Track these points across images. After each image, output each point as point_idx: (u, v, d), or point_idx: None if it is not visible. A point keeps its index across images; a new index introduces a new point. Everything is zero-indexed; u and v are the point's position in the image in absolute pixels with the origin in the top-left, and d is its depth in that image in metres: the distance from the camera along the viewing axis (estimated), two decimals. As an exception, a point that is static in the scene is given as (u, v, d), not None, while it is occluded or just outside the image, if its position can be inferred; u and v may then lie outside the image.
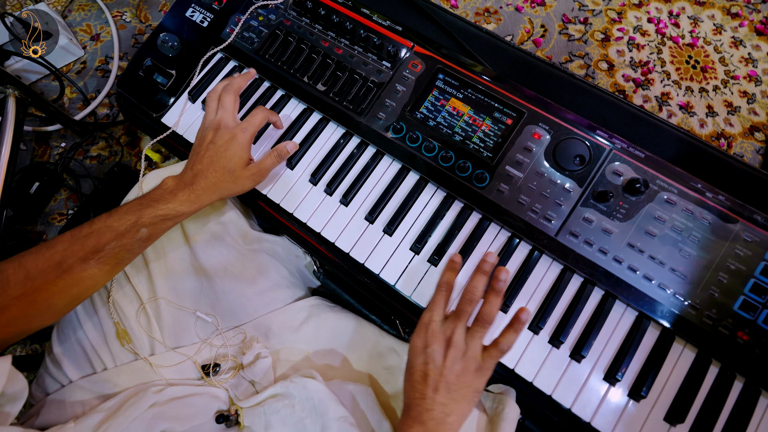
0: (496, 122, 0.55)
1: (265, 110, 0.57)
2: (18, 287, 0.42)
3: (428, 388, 0.42)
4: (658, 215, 0.49)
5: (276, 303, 0.61)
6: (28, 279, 0.42)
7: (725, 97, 0.83)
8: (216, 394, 0.54)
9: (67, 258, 0.45)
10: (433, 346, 0.44)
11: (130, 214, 0.49)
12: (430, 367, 0.43)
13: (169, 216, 0.50)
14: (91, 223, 0.47)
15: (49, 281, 0.44)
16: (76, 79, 0.89)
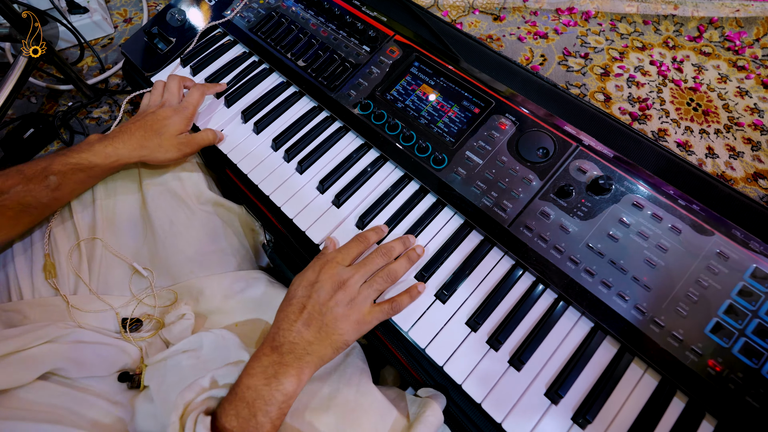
0: (464, 110, 0.54)
1: (200, 87, 0.59)
2: None
3: (300, 321, 0.40)
4: (623, 218, 0.44)
5: (216, 268, 0.58)
6: None
7: (728, 142, 0.79)
8: (128, 350, 0.50)
9: None
10: (324, 283, 0.41)
11: (43, 161, 0.48)
12: (311, 301, 0.41)
13: (80, 166, 0.49)
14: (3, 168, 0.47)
15: None
16: (99, 51, 0.97)
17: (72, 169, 0.49)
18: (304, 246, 0.52)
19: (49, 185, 0.47)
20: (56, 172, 0.47)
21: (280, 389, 0.35)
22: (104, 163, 0.50)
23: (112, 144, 0.51)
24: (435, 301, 0.45)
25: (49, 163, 0.48)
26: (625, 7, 0.98)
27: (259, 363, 0.37)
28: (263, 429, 0.34)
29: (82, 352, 0.46)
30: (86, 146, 0.50)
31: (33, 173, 0.46)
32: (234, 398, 0.35)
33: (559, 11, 1.00)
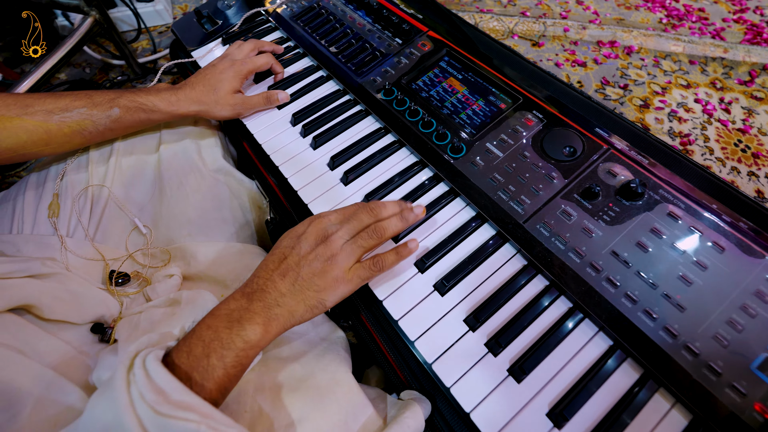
0: (489, 104, 0.52)
1: (270, 56, 0.60)
2: None
3: (277, 271, 0.37)
4: (656, 228, 0.39)
5: (214, 236, 0.57)
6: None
7: (781, 187, 0.72)
8: (108, 303, 0.48)
9: (36, 103, 0.47)
10: (309, 235, 0.39)
11: (113, 92, 0.51)
12: (293, 252, 0.38)
13: (145, 107, 0.52)
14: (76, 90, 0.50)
15: (6, 116, 0.45)
16: (155, 36, 1.05)
17: (137, 107, 0.51)
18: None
19: (111, 115, 0.50)
20: (121, 105, 0.50)
21: (241, 335, 0.32)
22: (166, 110, 0.52)
23: (176, 94, 0.53)
24: (433, 292, 0.41)
25: (118, 96, 0.50)
26: (670, 46, 0.96)
27: (225, 306, 0.34)
28: (214, 372, 0.30)
29: (60, 294, 0.45)
30: (155, 91, 0.53)
31: (100, 101, 0.49)
32: (191, 336, 0.32)
33: (600, 44, 0.99)
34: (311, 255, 0.37)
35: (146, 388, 0.26)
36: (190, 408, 0.27)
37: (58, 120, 0.48)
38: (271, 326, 0.34)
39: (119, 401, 0.26)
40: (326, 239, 0.38)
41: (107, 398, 0.27)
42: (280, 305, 0.35)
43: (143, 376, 0.27)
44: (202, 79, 0.55)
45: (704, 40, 0.97)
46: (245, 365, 0.33)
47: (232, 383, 0.32)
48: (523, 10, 1.17)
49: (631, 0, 1.17)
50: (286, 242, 0.39)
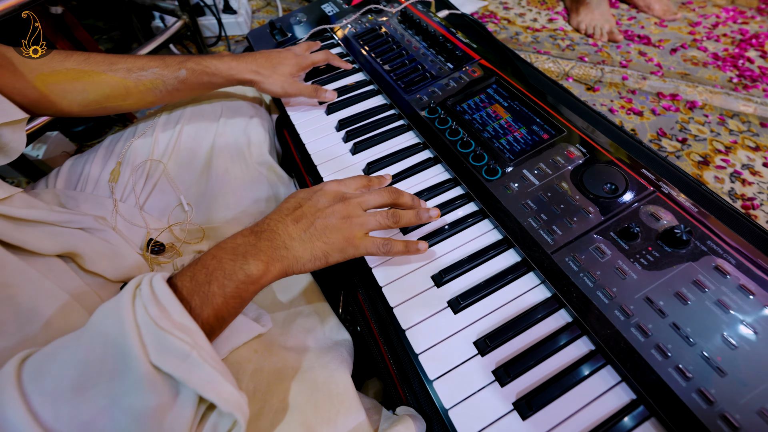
0: (532, 133, 0.51)
1: (328, 52, 0.66)
2: (75, 63, 0.51)
3: (290, 216, 0.38)
4: (700, 280, 0.36)
5: (245, 222, 0.60)
6: (85, 61, 0.51)
7: None
8: (141, 267, 0.52)
9: (119, 62, 0.54)
10: (327, 192, 0.41)
11: (182, 56, 0.58)
12: (309, 203, 0.40)
13: (208, 69, 0.57)
14: None
15: (96, 72, 0.52)
16: (231, 43, 1.16)
17: (201, 70, 0.57)
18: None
19: (179, 76, 0.56)
20: (188, 68, 0.56)
21: (244, 268, 0.33)
22: (226, 73, 0.58)
23: (237, 60, 0.59)
24: (446, 308, 0.40)
25: (186, 59, 0.57)
26: (740, 106, 0.91)
27: (233, 240, 0.36)
28: (213, 299, 0.31)
29: (103, 250, 0.49)
30: (218, 56, 0.59)
31: (171, 62, 0.56)
32: (196, 263, 0.33)
33: (660, 95, 0.95)
34: (329, 209, 0.39)
35: (150, 302, 0.28)
36: (186, 330, 0.27)
37: (135, 78, 0.54)
38: (274, 266, 0.35)
39: (123, 311, 0.27)
40: (345, 200, 0.40)
41: (112, 308, 0.28)
42: (288, 248, 0.36)
43: (149, 291, 0.28)
44: (266, 55, 0.61)
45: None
46: (244, 299, 0.34)
47: (230, 314, 0.33)
48: (582, 55, 1.17)
49: (698, 56, 1.13)
50: (301, 194, 0.41)
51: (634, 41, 1.22)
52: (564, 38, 1.26)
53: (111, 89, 0.53)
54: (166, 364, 0.26)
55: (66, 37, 0.93)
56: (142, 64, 0.54)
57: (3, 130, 0.45)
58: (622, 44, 1.21)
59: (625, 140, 0.50)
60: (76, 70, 0.51)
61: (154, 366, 0.26)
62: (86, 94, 0.52)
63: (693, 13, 1.35)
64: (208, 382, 0.27)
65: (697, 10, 1.36)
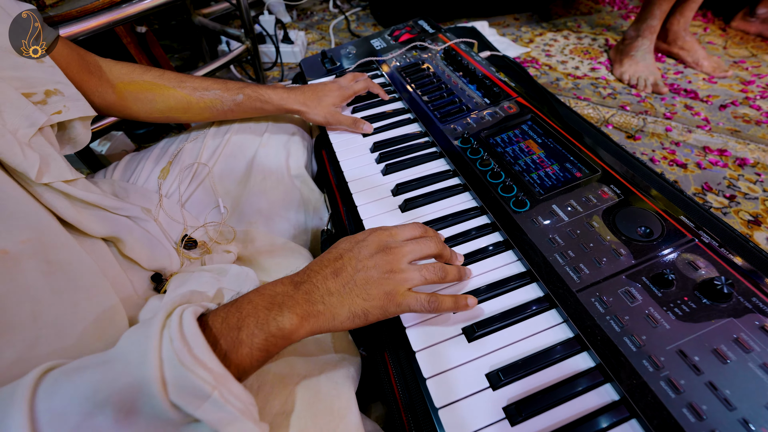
0: (564, 170, 0.51)
1: (368, 80, 0.70)
2: (152, 77, 0.57)
3: (330, 268, 0.36)
4: (743, 339, 0.33)
5: (274, 230, 0.62)
6: (160, 77, 0.58)
7: None
8: (173, 259, 0.55)
9: (188, 80, 0.61)
10: (370, 242, 0.38)
11: (242, 83, 0.65)
12: (351, 254, 0.37)
13: (262, 97, 0.63)
14: None
15: (167, 86, 0.59)
16: (285, 70, 1.27)
17: (256, 97, 0.63)
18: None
19: (236, 100, 0.62)
20: (246, 93, 0.63)
21: (277, 320, 0.32)
22: (277, 103, 0.64)
23: (288, 92, 0.65)
24: (460, 335, 0.39)
25: (245, 86, 0.64)
26: (796, 167, 0.85)
27: (271, 287, 0.35)
28: (240, 348, 0.30)
29: (142, 238, 0.52)
30: (272, 87, 0.65)
31: (232, 87, 0.63)
32: (232, 305, 0.33)
33: (707, 149, 0.92)
34: (370, 261, 0.37)
35: (177, 335, 0.27)
36: (208, 369, 0.26)
37: (199, 96, 0.61)
38: (309, 321, 0.33)
39: (150, 339, 0.26)
40: (389, 250, 0.38)
41: (141, 333, 0.28)
42: (325, 303, 0.34)
43: (177, 324, 0.28)
44: (313, 88, 0.66)
45: (844, 169, 0.85)
46: (270, 353, 0.32)
47: (252, 367, 0.31)
48: (623, 104, 1.16)
49: (750, 114, 1.08)
50: (344, 245, 0.39)
51: (680, 95, 1.20)
52: (606, 87, 1.26)
53: (176, 102, 0.59)
54: (186, 403, 0.25)
55: (145, 53, 1.06)
56: (207, 85, 0.60)
57: (76, 122, 0.51)
58: (667, 97, 1.19)
59: (664, 187, 0.48)
60: (152, 83, 0.58)
61: (172, 404, 0.25)
62: (154, 104, 0.58)
63: (746, 72, 1.31)
64: (229, 423, 0.26)
65: (750, 69, 1.32)
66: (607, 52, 1.46)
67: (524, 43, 1.54)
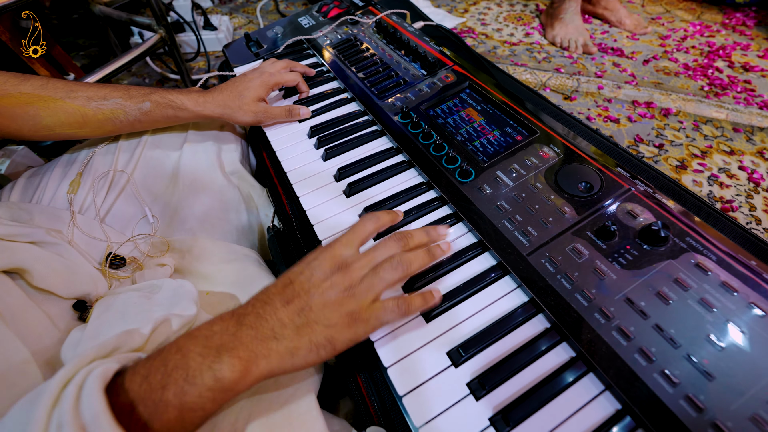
0: (505, 135, 0.50)
1: (298, 75, 0.64)
2: (31, 88, 0.48)
3: (280, 296, 0.31)
4: (681, 278, 0.34)
5: (214, 234, 0.57)
6: (43, 87, 0.49)
7: None
8: (98, 282, 0.48)
9: (80, 89, 0.51)
10: (322, 261, 0.33)
11: (147, 88, 0.56)
12: (302, 277, 0.32)
13: (174, 104, 0.55)
14: None
15: (53, 98, 0.50)
16: (212, 59, 1.16)
17: (166, 104, 0.54)
18: (305, 235, 0.48)
19: (142, 108, 0.53)
20: (153, 100, 0.54)
21: (213, 368, 0.26)
22: (192, 109, 0.56)
23: (204, 96, 0.57)
24: (417, 316, 0.37)
25: (151, 92, 0.54)
26: (712, 112, 0.92)
27: (208, 326, 0.29)
28: (165, 412, 0.24)
29: (55, 264, 0.45)
30: (186, 91, 0.57)
31: (135, 94, 0.53)
32: (157, 356, 0.27)
33: (635, 103, 0.97)
34: (326, 283, 0.32)
35: (69, 418, 0.21)
36: None
37: (95, 106, 0.52)
38: (257, 365, 0.27)
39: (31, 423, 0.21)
40: (345, 267, 0.33)
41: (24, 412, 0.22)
42: (278, 338, 0.29)
43: (72, 401, 0.22)
44: (230, 85, 0.59)
45: (750, 110, 0.93)
46: (209, 412, 0.26)
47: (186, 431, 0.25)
48: (558, 67, 1.19)
49: (670, 67, 1.16)
50: (294, 269, 0.34)
51: (608, 53, 1.26)
52: (540, 51, 1.29)
53: (67, 116, 0.50)
54: None
55: (38, 53, 0.91)
56: (105, 93, 0.52)
57: None
58: (597, 56, 1.24)
59: (600, 142, 0.49)
60: (31, 94, 0.49)
61: None
62: (39, 120, 0.49)
63: (662, 27, 1.40)
64: None
65: (666, 25, 1.41)
66: (538, 17, 1.50)
67: (459, 13, 1.53)
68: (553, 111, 0.56)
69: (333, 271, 0.33)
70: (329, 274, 0.33)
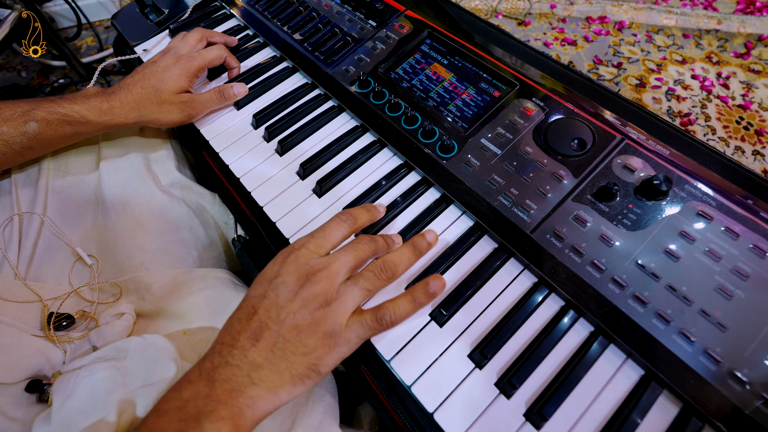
0: (481, 92, 0.45)
1: (222, 48, 0.52)
2: None
3: (246, 333, 0.27)
4: (685, 231, 0.33)
5: (172, 263, 0.49)
6: None
7: (788, 165, 0.68)
8: (48, 353, 0.40)
9: None
10: (287, 276, 0.29)
11: (26, 103, 0.42)
12: (266, 302, 0.28)
13: (70, 118, 0.43)
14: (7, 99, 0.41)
15: None
16: (101, 32, 0.94)
17: (59, 120, 0.42)
18: (277, 243, 0.42)
19: (27, 132, 0.40)
20: (39, 119, 0.41)
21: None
22: (98, 121, 0.43)
23: (109, 101, 0.44)
24: (430, 322, 0.35)
25: (33, 108, 0.41)
26: (662, 19, 0.90)
27: (176, 393, 0.25)
28: None
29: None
30: (81, 98, 0.43)
31: (10, 114, 0.40)
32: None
33: (589, 20, 0.92)
34: (295, 303, 0.28)
35: None
36: None
37: None
38: (244, 417, 0.25)
39: None
40: (314, 278, 0.29)
41: None
42: (256, 383, 0.26)
43: None
44: (140, 79, 0.47)
45: (696, 11, 0.92)
46: None
47: None
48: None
49: (618, -29, 1.10)
50: (255, 291, 0.30)
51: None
52: (484, -31, 1.16)
53: None
54: None
55: None
56: None
57: None
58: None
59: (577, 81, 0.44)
60: None
61: None
62: None
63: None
64: None
65: None
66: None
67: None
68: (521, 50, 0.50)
69: (300, 284, 0.29)
70: (296, 288, 0.29)
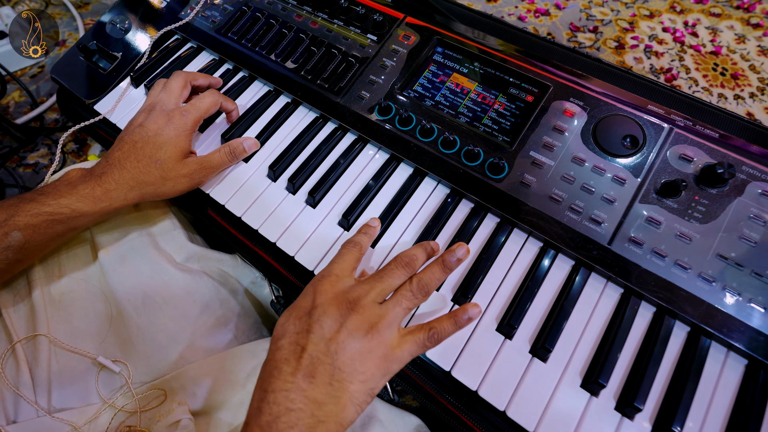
0: (513, 99, 0.42)
1: (216, 93, 0.45)
2: None
3: (300, 373, 0.26)
4: (755, 213, 0.34)
5: (213, 345, 0.44)
6: None
7: (766, 105, 0.73)
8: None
9: None
10: (326, 307, 0.29)
11: (8, 204, 0.35)
12: (312, 339, 0.27)
13: (60, 216, 0.36)
14: None
15: None
16: (28, 83, 0.80)
17: (46, 221, 0.35)
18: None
19: (11, 245, 0.34)
20: (22, 226, 0.34)
21: None
22: (94, 211, 0.37)
23: (102, 185, 0.37)
24: (531, 359, 0.33)
25: (11, 214, 0.34)
26: (622, -26, 0.91)
27: None
28: None
29: None
30: (66, 188, 0.36)
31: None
32: None
33: (554, -15, 0.91)
34: (342, 333, 0.28)
35: None
36: None
37: None
38: None
39: None
40: (355, 305, 0.29)
41: None
42: (323, 420, 0.25)
43: None
44: (131, 150, 0.39)
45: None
46: None
47: None
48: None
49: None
50: (293, 326, 0.28)
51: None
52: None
53: None
54: None
55: None
56: None
57: None
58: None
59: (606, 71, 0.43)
60: None
61: None
62: None
63: None
64: None
65: None
66: None
67: None
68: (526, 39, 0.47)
69: (343, 314, 0.29)
70: (341, 319, 0.28)
